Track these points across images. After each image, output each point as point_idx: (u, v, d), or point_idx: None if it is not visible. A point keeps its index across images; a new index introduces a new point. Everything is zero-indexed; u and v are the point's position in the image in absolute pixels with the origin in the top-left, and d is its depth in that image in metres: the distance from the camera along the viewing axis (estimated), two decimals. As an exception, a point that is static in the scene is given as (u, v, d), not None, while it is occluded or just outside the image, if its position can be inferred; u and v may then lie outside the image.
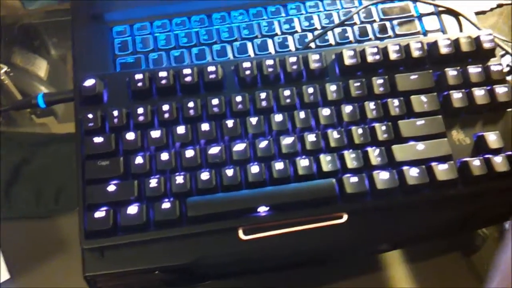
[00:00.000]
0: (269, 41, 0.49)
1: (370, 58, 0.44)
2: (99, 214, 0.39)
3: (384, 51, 0.45)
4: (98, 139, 0.41)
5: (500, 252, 0.32)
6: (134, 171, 0.40)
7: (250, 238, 0.41)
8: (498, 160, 0.42)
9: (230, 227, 0.41)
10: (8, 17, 0.60)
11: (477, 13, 0.53)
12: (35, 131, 0.57)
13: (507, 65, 0.52)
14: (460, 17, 0.51)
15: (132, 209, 0.39)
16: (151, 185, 0.40)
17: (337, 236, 0.42)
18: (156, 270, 0.41)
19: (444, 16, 0.52)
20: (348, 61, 0.44)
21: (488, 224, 0.49)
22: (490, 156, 0.42)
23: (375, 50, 0.44)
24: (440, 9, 0.52)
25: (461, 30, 0.51)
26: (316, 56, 0.44)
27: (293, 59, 0.44)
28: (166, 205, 0.40)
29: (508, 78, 0.52)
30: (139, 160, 0.41)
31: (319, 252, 0.44)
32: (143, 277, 0.42)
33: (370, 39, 0.50)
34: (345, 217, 0.42)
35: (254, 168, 0.41)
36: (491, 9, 0.53)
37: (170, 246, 0.41)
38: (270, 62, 0.44)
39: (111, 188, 0.40)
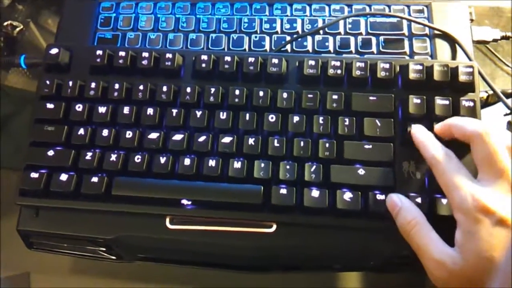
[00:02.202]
0: (246, 38, 0.48)
1: (331, 71, 0.42)
2: (34, 175, 0.41)
3: (348, 67, 0.42)
4: (49, 105, 0.43)
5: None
6: (74, 141, 0.42)
7: (176, 228, 0.42)
8: (444, 202, 0.39)
9: (157, 214, 0.41)
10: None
11: (478, 42, 0.48)
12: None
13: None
14: (456, 44, 0.47)
15: (64, 177, 0.41)
16: (86, 158, 0.41)
17: (264, 244, 0.41)
18: (83, 239, 0.43)
19: (437, 40, 0.47)
20: (307, 70, 0.42)
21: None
22: (438, 196, 0.39)
23: (338, 64, 0.42)
24: (436, 32, 0.48)
25: (453, 58, 0.47)
26: (275, 61, 0.43)
27: (251, 59, 0.43)
28: (94, 179, 0.41)
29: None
30: (81, 131, 0.42)
31: (245, 257, 0.43)
32: (71, 242, 0.44)
33: (350, 52, 0.47)
34: (273, 227, 0.41)
35: (186, 161, 0.41)
36: (494, 40, 0.48)
37: (97, 219, 0.42)
38: (228, 58, 0.43)
39: (51, 153, 0.42)
